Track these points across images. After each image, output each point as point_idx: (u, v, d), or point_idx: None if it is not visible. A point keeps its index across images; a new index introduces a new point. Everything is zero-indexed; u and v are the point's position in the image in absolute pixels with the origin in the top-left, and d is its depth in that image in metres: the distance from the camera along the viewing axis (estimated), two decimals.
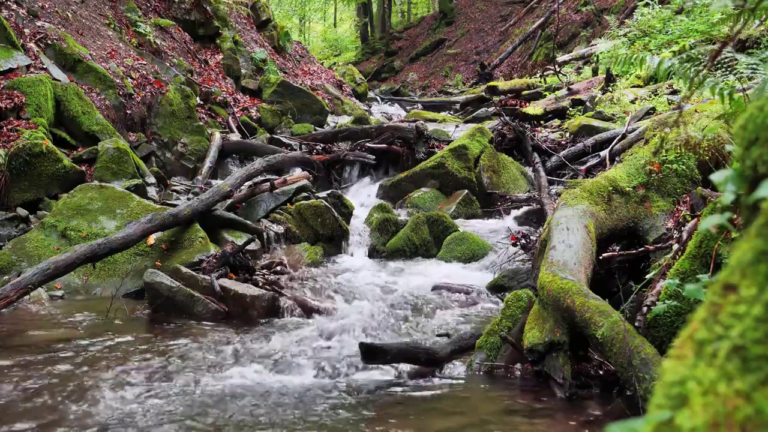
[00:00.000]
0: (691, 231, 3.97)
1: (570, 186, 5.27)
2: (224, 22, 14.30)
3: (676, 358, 0.71)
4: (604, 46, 13.24)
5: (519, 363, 3.84)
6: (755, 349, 0.64)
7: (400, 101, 21.31)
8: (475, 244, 6.81)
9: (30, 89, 7.60)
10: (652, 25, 15.18)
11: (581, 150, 9.31)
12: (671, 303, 3.43)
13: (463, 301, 5.53)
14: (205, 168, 9.48)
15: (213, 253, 5.88)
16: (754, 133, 0.83)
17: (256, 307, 5.14)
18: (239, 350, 4.32)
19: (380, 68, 31.70)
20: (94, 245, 5.35)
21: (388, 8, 35.96)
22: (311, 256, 6.76)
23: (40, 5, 9.65)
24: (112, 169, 7.59)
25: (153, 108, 9.66)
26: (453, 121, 14.41)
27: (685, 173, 5.07)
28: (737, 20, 2.51)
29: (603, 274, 4.61)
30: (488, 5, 30.67)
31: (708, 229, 1.45)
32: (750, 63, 3.95)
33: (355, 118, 13.47)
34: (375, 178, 9.86)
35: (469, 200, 8.40)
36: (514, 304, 4.10)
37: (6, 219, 6.57)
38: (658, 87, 11.15)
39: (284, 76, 15.01)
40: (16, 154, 6.84)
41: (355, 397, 3.62)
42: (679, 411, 0.66)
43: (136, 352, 4.28)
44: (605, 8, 21.61)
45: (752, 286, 0.68)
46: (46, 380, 3.75)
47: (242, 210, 7.23)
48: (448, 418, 3.33)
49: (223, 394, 3.60)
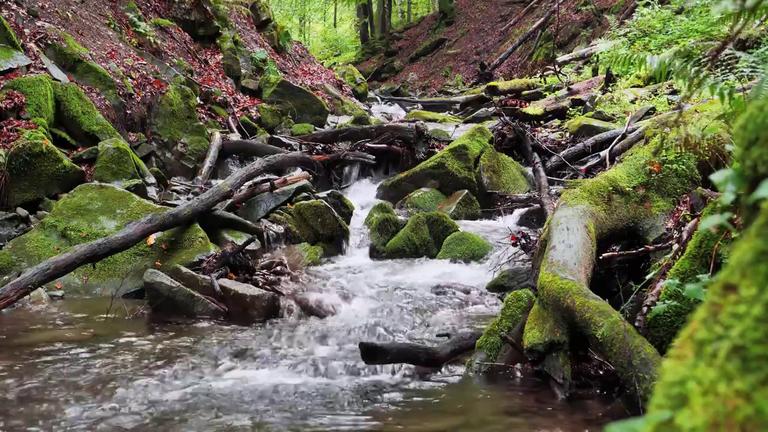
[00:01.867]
0: (691, 231, 3.97)
1: (570, 186, 5.27)
2: (224, 22, 14.30)
3: (676, 358, 0.71)
4: (604, 46, 13.23)
5: (519, 363, 3.84)
6: (755, 349, 0.64)
7: (400, 101, 21.30)
8: (475, 244, 6.81)
9: (30, 89, 7.60)
10: (652, 25, 15.19)
11: (581, 150, 9.31)
12: (671, 303, 3.43)
13: (463, 301, 5.53)
14: (205, 168, 9.48)
15: (213, 253, 5.88)
16: (754, 133, 0.83)
17: (256, 307, 5.14)
18: (239, 350, 4.32)
19: (380, 68, 31.69)
20: (94, 245, 5.35)
21: (388, 8, 35.96)
22: (311, 256, 6.76)
23: (40, 5, 9.65)
24: (112, 169, 7.59)
25: (153, 108, 9.66)
26: (453, 121, 14.41)
27: (685, 173, 5.07)
28: (737, 20, 2.51)
29: (603, 274, 4.61)
30: (488, 5, 30.66)
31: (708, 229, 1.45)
32: (750, 62, 3.94)
33: (355, 118, 13.47)
34: (375, 178, 9.86)
35: (469, 200, 8.40)
36: (514, 304, 4.10)
37: (6, 219, 6.58)
38: (658, 87, 11.16)
39: (284, 76, 15.01)
40: (16, 154, 6.84)
41: (355, 397, 3.62)
42: (679, 411, 0.66)
43: (136, 353, 4.28)
44: (605, 8, 21.61)
45: (752, 286, 0.68)
46: (46, 380, 3.75)
47: (242, 210, 7.23)
48: (448, 418, 3.33)
49: (223, 394, 3.60)
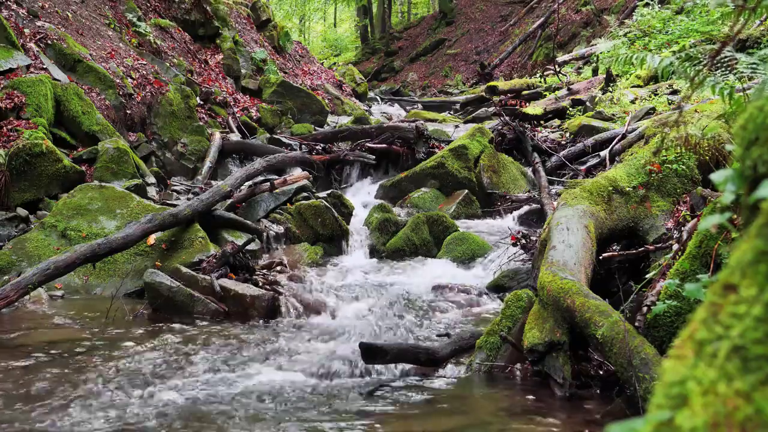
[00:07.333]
0: (691, 231, 3.97)
1: (570, 186, 5.27)
2: (224, 22, 14.30)
3: (676, 358, 0.71)
4: (604, 46, 13.24)
5: (519, 363, 3.84)
6: (755, 349, 0.64)
7: (400, 101, 21.30)
8: (475, 244, 6.81)
9: (30, 89, 7.60)
10: (652, 25, 15.18)
11: (581, 150, 9.31)
12: (671, 303, 3.43)
13: (463, 301, 5.53)
14: (205, 168, 9.47)
15: (213, 253, 5.88)
16: (754, 133, 0.83)
17: (255, 307, 5.14)
18: (239, 350, 4.32)
19: (380, 68, 31.68)
20: (94, 245, 5.35)
21: (388, 8, 35.95)
22: (311, 256, 6.76)
23: (40, 5, 9.65)
24: (112, 169, 7.59)
25: (153, 108, 9.66)
26: (453, 121, 14.41)
27: (685, 173, 5.07)
28: (737, 19, 2.51)
29: (603, 274, 4.61)
30: (488, 5, 30.66)
31: (708, 229, 1.45)
32: (750, 62, 3.94)
33: (355, 118, 13.46)
34: (375, 178, 9.85)
35: (469, 200, 8.40)
36: (514, 304, 4.10)
37: (6, 219, 6.57)
38: (658, 87, 11.16)
39: (284, 76, 15.01)
40: (16, 154, 6.84)
41: (354, 397, 3.62)
42: (679, 411, 0.66)
43: (136, 353, 4.28)
44: (605, 8, 21.61)
45: (752, 286, 0.68)
46: (46, 380, 3.75)
47: (242, 210, 7.22)
48: (448, 418, 3.33)
49: (223, 393, 3.60)
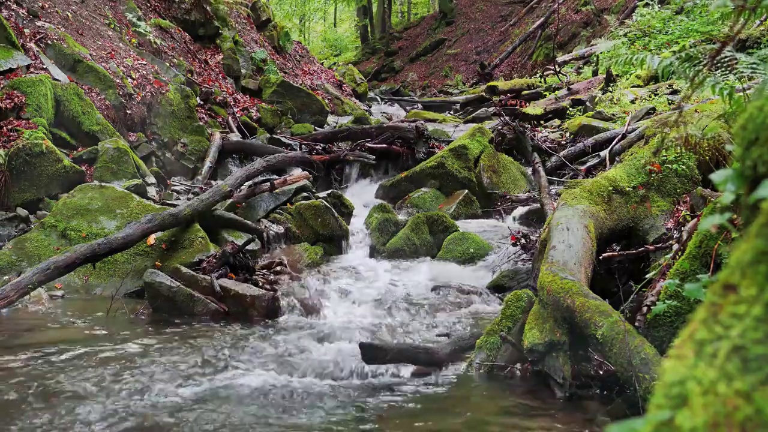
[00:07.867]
0: (691, 231, 3.97)
1: (570, 186, 5.27)
2: (224, 22, 14.29)
3: (676, 358, 0.71)
4: (604, 46, 13.24)
5: (519, 363, 3.84)
6: (755, 349, 0.64)
7: (400, 101, 21.30)
8: (475, 244, 6.81)
9: (30, 89, 7.60)
10: (652, 25, 15.18)
11: (581, 150, 9.31)
12: (671, 303, 3.43)
13: (463, 301, 5.53)
14: (205, 168, 9.47)
15: (213, 253, 5.88)
16: (754, 133, 0.83)
17: (255, 307, 5.14)
18: (239, 350, 4.32)
19: (380, 68, 31.69)
20: (94, 245, 5.35)
21: (388, 8, 35.94)
22: (311, 256, 6.76)
23: (40, 5, 9.65)
24: (112, 169, 7.59)
25: (153, 108, 9.66)
26: (453, 121, 14.42)
27: (685, 173, 5.07)
28: (737, 19, 2.51)
29: (603, 274, 4.61)
30: (488, 5, 30.65)
31: (708, 229, 1.45)
32: (750, 62, 3.94)
33: (355, 118, 13.47)
34: (375, 178, 9.85)
35: (469, 200, 8.40)
36: (514, 304, 4.10)
37: (6, 219, 6.58)
38: (658, 87, 11.16)
39: (284, 76, 15.01)
40: (16, 154, 6.84)
41: (354, 397, 3.62)
42: (679, 411, 0.66)
43: (136, 353, 4.28)
44: (605, 8, 21.61)
45: (752, 286, 0.68)
46: (46, 381, 3.74)
47: (242, 210, 7.22)
48: (448, 418, 3.33)
49: (223, 393, 3.60)
